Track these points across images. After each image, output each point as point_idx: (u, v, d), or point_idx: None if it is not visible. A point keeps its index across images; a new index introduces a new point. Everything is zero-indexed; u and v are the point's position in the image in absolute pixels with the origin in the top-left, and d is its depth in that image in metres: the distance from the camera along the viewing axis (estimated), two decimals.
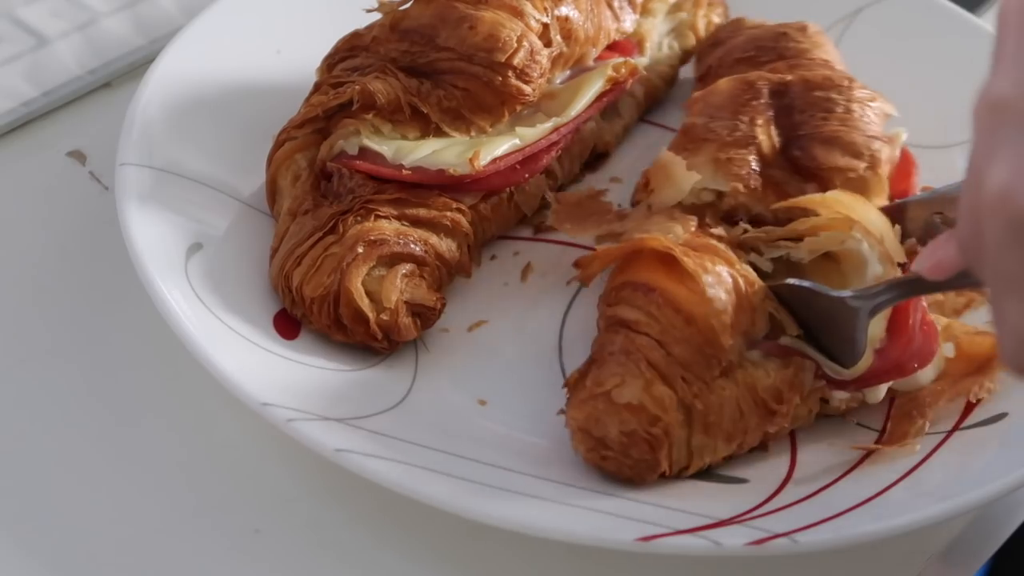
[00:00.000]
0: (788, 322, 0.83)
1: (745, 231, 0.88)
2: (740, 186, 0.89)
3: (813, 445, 0.85)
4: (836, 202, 0.86)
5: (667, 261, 0.83)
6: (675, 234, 0.86)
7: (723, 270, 0.83)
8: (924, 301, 0.85)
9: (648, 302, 0.82)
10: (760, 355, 0.83)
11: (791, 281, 0.84)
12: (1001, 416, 0.85)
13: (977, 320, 0.91)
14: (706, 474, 0.82)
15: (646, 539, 0.74)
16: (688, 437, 0.81)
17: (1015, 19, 0.61)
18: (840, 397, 0.85)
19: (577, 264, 0.91)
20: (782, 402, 0.82)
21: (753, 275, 0.84)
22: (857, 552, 0.81)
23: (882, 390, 0.85)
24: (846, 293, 0.82)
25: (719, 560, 0.80)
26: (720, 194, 0.91)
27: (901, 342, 0.84)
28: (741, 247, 0.87)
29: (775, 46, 1.01)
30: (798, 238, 0.87)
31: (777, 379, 0.82)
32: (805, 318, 0.84)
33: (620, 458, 0.80)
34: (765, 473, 0.82)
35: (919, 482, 0.80)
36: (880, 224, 0.86)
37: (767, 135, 0.91)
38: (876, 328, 0.83)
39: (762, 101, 0.93)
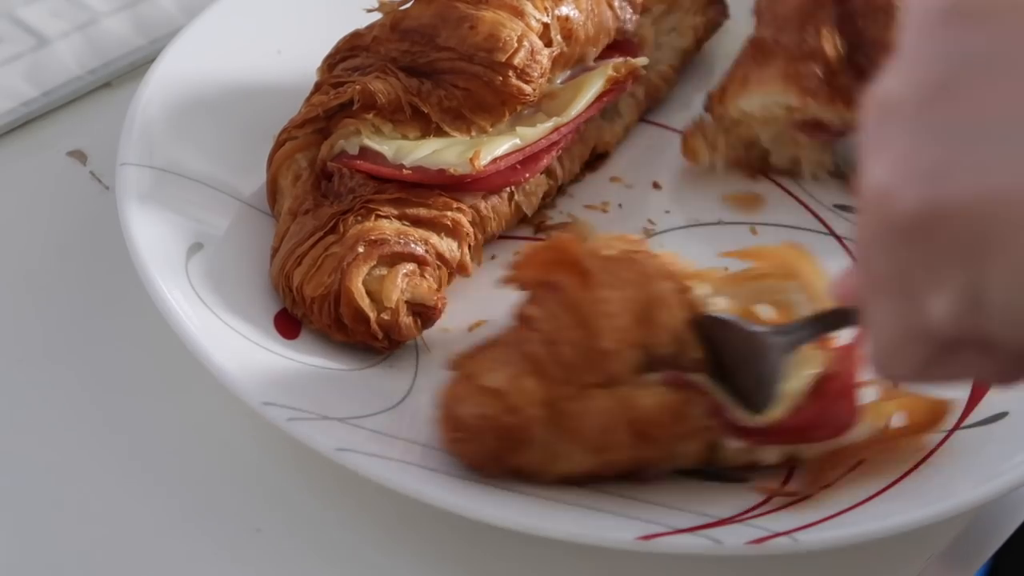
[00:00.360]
0: (693, 344, 0.79)
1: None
2: (810, 100, 0.94)
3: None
4: (783, 255, 0.83)
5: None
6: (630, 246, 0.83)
7: (632, 277, 0.79)
8: (864, 373, 0.78)
9: (552, 300, 0.80)
10: (658, 380, 0.79)
11: (713, 313, 0.80)
12: (1001, 415, 0.84)
13: None
14: (706, 473, 0.82)
15: (646, 538, 0.74)
16: (551, 440, 0.78)
17: (917, 17, 0.58)
18: (734, 447, 0.80)
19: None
20: (654, 427, 0.78)
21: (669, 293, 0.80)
22: (857, 551, 0.81)
23: (776, 452, 0.81)
24: (763, 328, 0.78)
25: (720, 559, 0.80)
26: (790, 107, 0.95)
27: (816, 406, 0.79)
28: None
29: None
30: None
31: (656, 405, 0.78)
32: (725, 355, 0.79)
33: (470, 442, 0.78)
34: (765, 472, 0.82)
35: (919, 482, 0.80)
36: (821, 285, 0.81)
37: (832, 44, 0.95)
38: (800, 383, 0.79)
39: (827, 10, 0.96)
